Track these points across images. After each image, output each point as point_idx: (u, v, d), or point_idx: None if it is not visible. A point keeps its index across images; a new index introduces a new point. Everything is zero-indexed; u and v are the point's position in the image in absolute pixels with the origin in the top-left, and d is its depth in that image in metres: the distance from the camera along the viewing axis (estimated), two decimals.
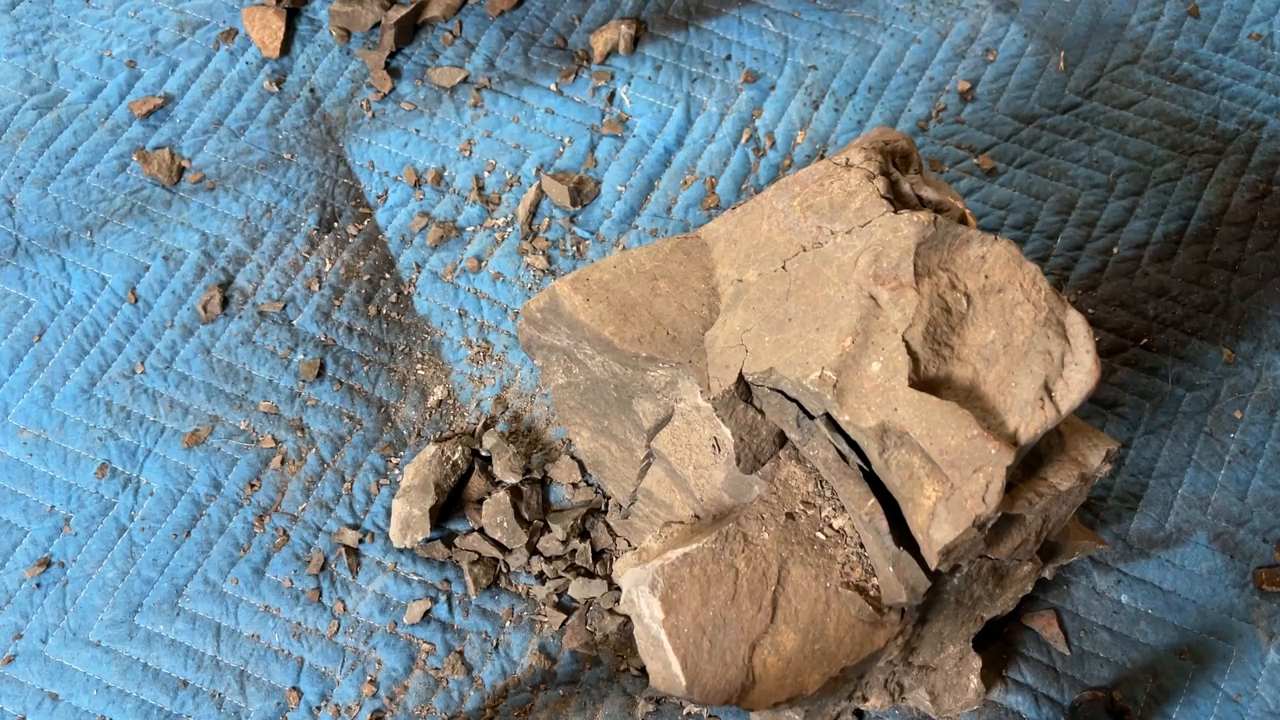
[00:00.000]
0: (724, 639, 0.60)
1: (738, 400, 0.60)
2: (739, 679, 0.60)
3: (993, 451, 0.53)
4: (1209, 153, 0.92)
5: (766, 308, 0.61)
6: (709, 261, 0.65)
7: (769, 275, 0.62)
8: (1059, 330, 0.56)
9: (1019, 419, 0.55)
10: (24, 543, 0.82)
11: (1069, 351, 0.56)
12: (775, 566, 0.61)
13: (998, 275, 0.58)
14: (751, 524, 0.62)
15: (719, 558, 0.61)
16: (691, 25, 0.98)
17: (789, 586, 0.61)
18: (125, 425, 0.85)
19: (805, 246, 0.61)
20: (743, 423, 0.61)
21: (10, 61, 0.97)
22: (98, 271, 0.89)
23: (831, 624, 0.60)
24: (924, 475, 0.55)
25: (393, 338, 0.88)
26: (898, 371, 0.56)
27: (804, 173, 0.64)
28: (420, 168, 0.93)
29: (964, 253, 0.58)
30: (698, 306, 0.63)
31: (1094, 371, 0.55)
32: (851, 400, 0.56)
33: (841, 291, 0.59)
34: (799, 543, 0.62)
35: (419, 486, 0.80)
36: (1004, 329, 0.57)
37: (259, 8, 0.97)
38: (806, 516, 0.62)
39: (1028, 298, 0.57)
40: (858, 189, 0.61)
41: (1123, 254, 0.89)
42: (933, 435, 0.54)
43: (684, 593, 0.61)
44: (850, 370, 0.57)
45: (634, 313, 0.63)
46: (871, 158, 0.62)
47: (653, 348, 0.62)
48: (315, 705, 0.78)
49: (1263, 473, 0.82)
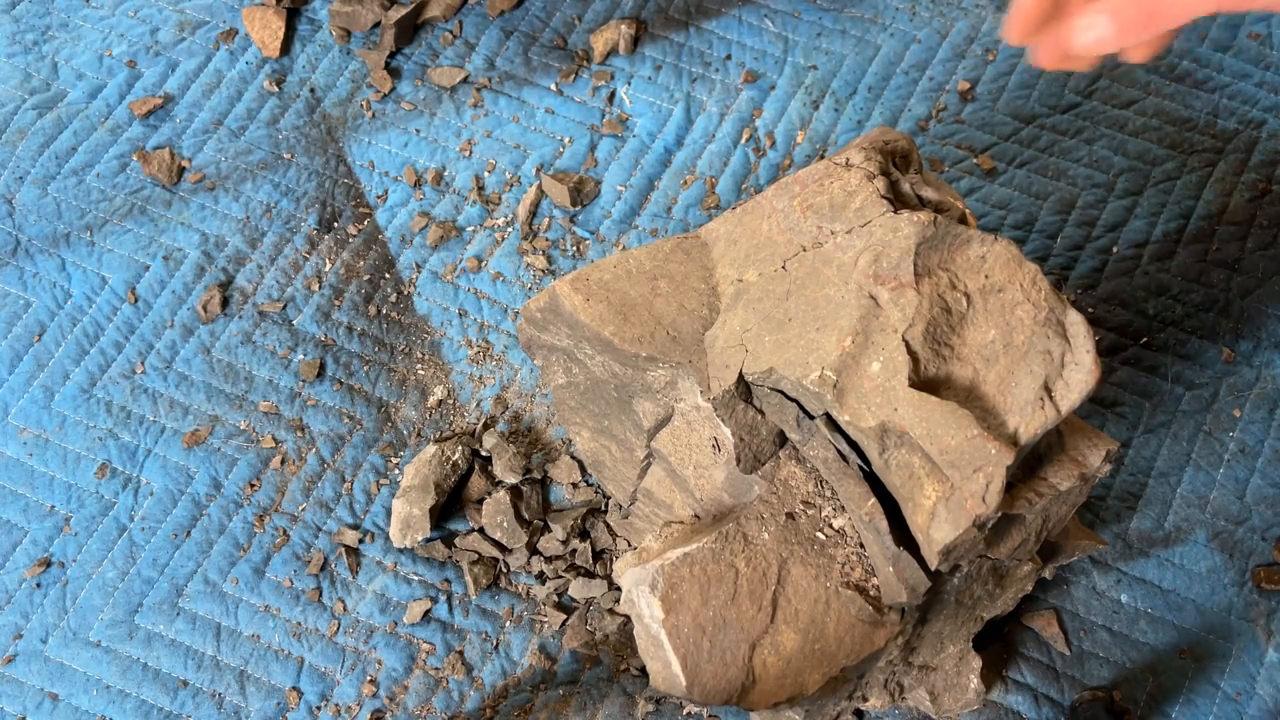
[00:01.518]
0: (724, 639, 0.60)
1: (738, 400, 0.60)
2: (739, 679, 0.59)
3: (993, 451, 0.53)
4: (1209, 152, 0.92)
5: (766, 308, 0.60)
6: (709, 261, 0.65)
7: (769, 275, 0.61)
8: (1059, 330, 0.56)
9: (1019, 419, 0.55)
10: (24, 543, 0.82)
11: (1069, 351, 0.55)
12: (775, 566, 0.61)
13: (998, 275, 0.57)
14: (752, 524, 0.62)
15: (719, 558, 0.61)
16: (691, 25, 0.98)
17: (789, 586, 0.60)
18: (125, 425, 0.85)
19: (805, 246, 0.61)
20: (743, 423, 0.61)
21: (10, 61, 0.97)
22: (98, 271, 0.89)
23: (832, 624, 0.60)
24: (924, 475, 0.55)
25: (393, 338, 0.88)
26: (898, 371, 0.55)
27: (804, 172, 0.63)
28: (420, 168, 0.93)
29: (964, 253, 0.58)
30: (698, 306, 0.63)
31: (1094, 371, 0.55)
32: (851, 400, 0.56)
33: (842, 291, 0.58)
34: (799, 543, 0.61)
35: (419, 486, 0.80)
36: (1004, 329, 0.56)
37: (259, 8, 0.97)
38: (806, 516, 0.62)
39: (1028, 297, 0.56)
40: (858, 189, 0.60)
41: (1123, 253, 0.89)
42: (933, 435, 0.54)
43: (684, 592, 0.60)
44: (850, 370, 0.56)
45: (634, 313, 0.63)
46: (871, 157, 0.62)
47: (653, 348, 0.61)
48: (315, 705, 0.78)
49: (1262, 471, 0.82)
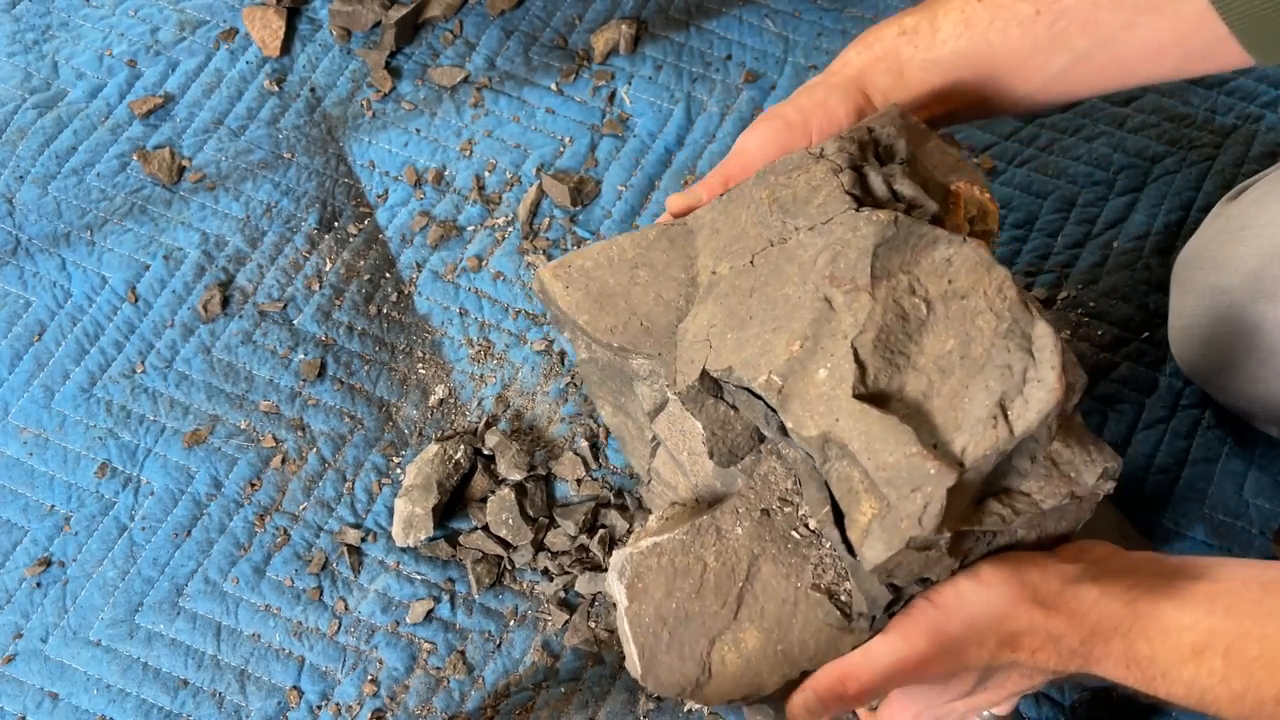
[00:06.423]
0: (684, 632, 0.58)
1: (706, 395, 0.58)
2: (694, 673, 0.57)
3: (931, 471, 0.49)
4: (1208, 147, 0.92)
5: (732, 304, 0.58)
6: (693, 250, 0.62)
7: (738, 269, 0.59)
8: (1023, 344, 0.51)
9: (968, 437, 0.50)
10: (24, 542, 0.82)
11: (1032, 367, 0.50)
12: (745, 563, 0.58)
13: (962, 280, 0.53)
14: (727, 517, 0.60)
15: (689, 550, 0.59)
16: (692, 25, 0.98)
17: (757, 584, 0.58)
18: (125, 425, 0.85)
19: (772, 241, 0.58)
20: (714, 417, 0.59)
21: (10, 61, 0.97)
22: (98, 271, 0.89)
23: (798, 626, 0.57)
24: (862, 491, 0.52)
25: (393, 337, 0.88)
26: (843, 380, 0.52)
27: (780, 161, 0.60)
28: (421, 167, 0.93)
29: (929, 255, 0.54)
30: (674, 297, 0.61)
31: (1056, 390, 0.49)
32: (795, 407, 0.53)
33: (800, 291, 0.55)
34: (772, 540, 0.59)
35: (421, 485, 0.80)
36: (963, 339, 0.52)
37: (259, 7, 0.97)
38: (783, 514, 0.59)
39: (990, 306, 0.52)
40: (822, 183, 0.57)
41: (1123, 246, 0.89)
42: (870, 450, 0.50)
43: (649, 582, 0.59)
44: (797, 376, 0.53)
45: (610, 302, 0.61)
46: (845, 148, 0.58)
47: (625, 339, 0.60)
48: (316, 704, 0.77)
49: (1259, 465, 0.82)
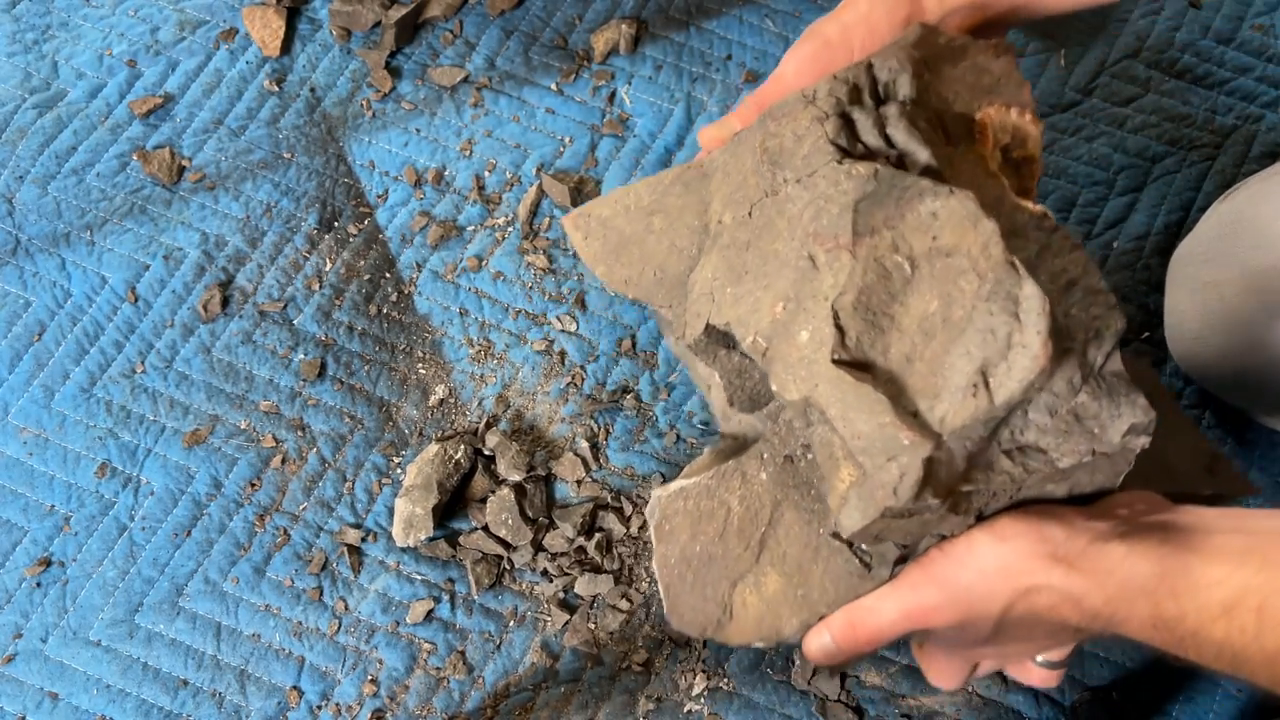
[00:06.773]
0: (707, 573, 0.58)
1: (717, 346, 0.57)
2: (715, 614, 0.58)
3: (905, 442, 0.47)
4: (1208, 147, 0.92)
5: (731, 256, 0.55)
6: (707, 194, 0.59)
7: (739, 220, 0.56)
8: (1008, 306, 0.47)
9: (947, 406, 0.47)
10: (24, 542, 0.82)
11: (1018, 331, 0.46)
12: (769, 508, 0.57)
13: (947, 237, 0.49)
14: (751, 463, 0.59)
15: (714, 494, 0.59)
16: (692, 25, 0.98)
17: (780, 529, 0.57)
18: (125, 425, 0.85)
19: (766, 193, 0.55)
20: (728, 367, 0.58)
21: (10, 61, 0.97)
22: (98, 271, 0.89)
23: (818, 571, 0.56)
24: (841, 458, 0.50)
25: (393, 337, 0.88)
26: (824, 343, 0.50)
27: (778, 105, 0.56)
28: (420, 167, 0.93)
29: (915, 209, 0.49)
30: (688, 245, 0.59)
31: (1040, 357, 0.46)
32: (779, 370, 0.51)
33: (788, 248, 0.53)
34: (795, 486, 0.57)
35: (422, 485, 0.80)
36: (945, 300, 0.49)
37: (259, 7, 0.97)
38: (806, 461, 0.57)
39: (974, 266, 0.48)
40: (806, 133, 0.53)
41: (1123, 246, 0.89)
42: (846, 418, 0.48)
43: (676, 525, 0.59)
44: (781, 338, 0.51)
45: (626, 251, 0.60)
46: (836, 90, 0.53)
47: (639, 290, 0.59)
48: (316, 704, 0.77)
49: (1259, 464, 0.82)
